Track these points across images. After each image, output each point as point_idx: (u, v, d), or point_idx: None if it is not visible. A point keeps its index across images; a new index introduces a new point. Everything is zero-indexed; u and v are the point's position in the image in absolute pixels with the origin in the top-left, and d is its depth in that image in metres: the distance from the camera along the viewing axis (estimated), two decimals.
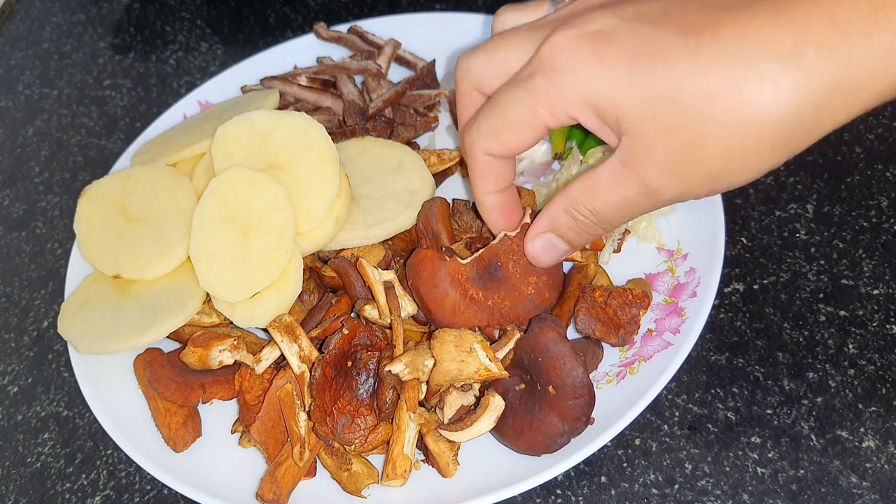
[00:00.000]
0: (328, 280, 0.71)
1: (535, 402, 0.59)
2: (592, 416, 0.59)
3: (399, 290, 0.65)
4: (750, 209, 0.77)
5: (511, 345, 0.62)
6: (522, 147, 0.55)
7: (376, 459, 0.64)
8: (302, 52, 0.94)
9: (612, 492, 0.62)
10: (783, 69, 0.42)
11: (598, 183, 0.52)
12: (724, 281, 0.72)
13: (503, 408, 0.60)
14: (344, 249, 0.72)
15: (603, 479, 0.63)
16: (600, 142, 0.78)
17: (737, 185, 0.48)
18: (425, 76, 0.87)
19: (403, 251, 0.73)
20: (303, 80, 0.89)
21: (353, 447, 0.62)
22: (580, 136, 0.79)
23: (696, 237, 0.71)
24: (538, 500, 0.62)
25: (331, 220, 0.69)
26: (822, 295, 0.71)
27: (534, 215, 0.62)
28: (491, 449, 0.62)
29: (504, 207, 0.62)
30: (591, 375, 0.62)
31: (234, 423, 0.67)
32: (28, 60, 1.09)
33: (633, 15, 0.47)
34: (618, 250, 0.73)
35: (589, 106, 0.49)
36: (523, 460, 0.60)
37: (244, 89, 0.90)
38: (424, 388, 0.62)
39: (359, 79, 0.90)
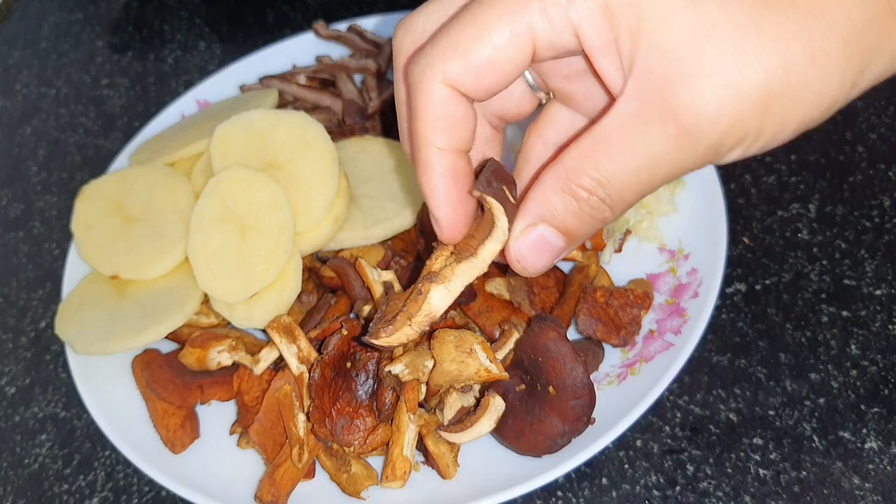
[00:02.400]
0: (327, 280, 0.70)
1: (535, 402, 0.59)
2: (593, 416, 0.59)
3: (398, 290, 0.65)
4: (752, 209, 0.77)
5: (511, 345, 0.62)
6: (499, 77, 0.39)
7: (376, 461, 0.64)
8: (301, 50, 0.93)
9: (614, 493, 0.62)
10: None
11: (604, 139, 0.37)
12: (726, 281, 0.71)
13: (503, 409, 0.60)
14: (343, 249, 0.72)
15: (604, 480, 0.62)
16: None
17: (758, 152, 0.38)
18: None
19: (403, 251, 0.72)
20: (302, 79, 0.88)
21: (352, 449, 0.62)
22: None
23: (697, 237, 0.71)
24: (539, 502, 0.62)
25: (330, 219, 0.69)
26: (824, 295, 0.70)
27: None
28: (491, 450, 0.62)
29: (458, 188, 0.42)
30: (591, 376, 0.61)
31: (233, 425, 0.66)
32: (26, 59, 1.08)
33: None
34: (619, 250, 0.72)
35: (599, 2, 0.36)
36: (524, 462, 0.60)
37: (243, 88, 0.90)
38: (424, 389, 0.62)
39: (358, 78, 0.89)
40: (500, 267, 0.47)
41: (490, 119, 0.47)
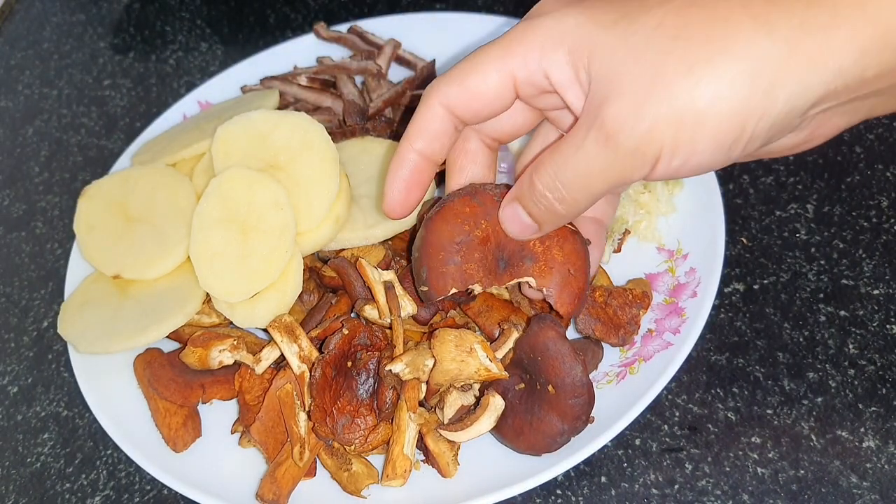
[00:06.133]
0: (328, 280, 0.70)
1: (534, 401, 0.59)
2: (592, 415, 0.59)
3: (399, 290, 0.65)
4: (750, 209, 0.77)
5: (510, 344, 0.62)
6: (485, 105, 0.50)
7: (376, 459, 0.64)
8: (302, 52, 0.94)
9: (613, 492, 0.62)
10: (739, 73, 0.41)
11: (563, 142, 0.47)
12: (725, 281, 0.72)
13: (503, 407, 0.60)
14: (344, 249, 0.72)
15: (603, 479, 0.63)
16: None
17: (689, 170, 0.44)
18: (425, 76, 0.87)
19: (403, 251, 0.72)
20: (303, 80, 0.89)
21: (352, 447, 0.62)
22: None
23: (696, 237, 0.71)
24: (538, 501, 0.62)
25: (331, 220, 0.69)
26: (822, 295, 0.70)
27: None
28: (491, 449, 0.62)
29: (414, 179, 0.54)
30: (591, 375, 0.62)
31: (234, 423, 0.67)
32: (28, 60, 1.09)
33: None
34: (618, 250, 0.73)
35: (564, 46, 0.46)
36: (523, 460, 0.60)
37: (244, 89, 0.90)
38: (424, 387, 0.62)
39: (359, 79, 0.90)
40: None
41: (485, 139, 0.57)
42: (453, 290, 0.58)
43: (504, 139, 0.57)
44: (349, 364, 0.64)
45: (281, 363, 0.65)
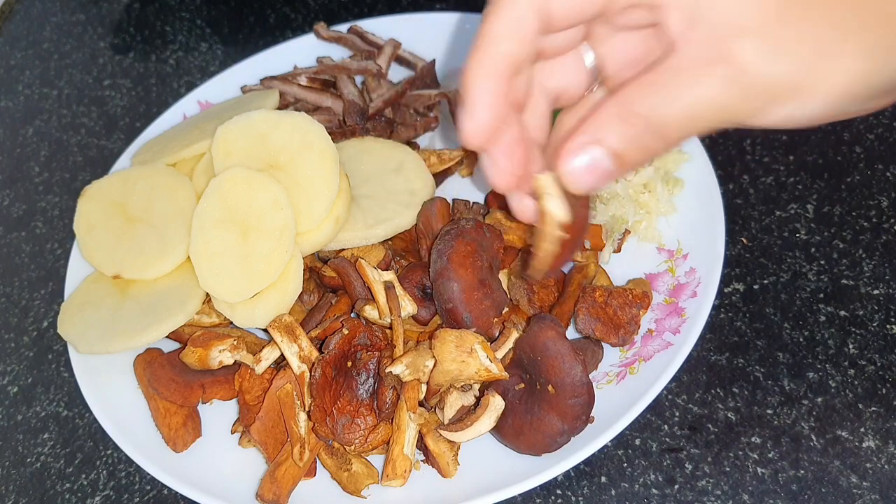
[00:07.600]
0: (328, 280, 0.71)
1: (534, 401, 0.59)
2: (592, 415, 0.59)
3: (399, 290, 0.65)
4: (750, 209, 0.77)
5: (510, 344, 0.62)
6: (576, 9, 0.43)
7: (376, 459, 0.64)
8: (302, 52, 0.94)
9: (613, 492, 0.62)
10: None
11: (667, 75, 0.41)
12: (725, 281, 0.72)
13: (503, 407, 0.60)
14: (344, 249, 0.72)
15: (603, 479, 0.63)
16: None
17: (816, 115, 0.41)
18: (425, 76, 0.87)
19: (403, 251, 0.73)
20: (303, 80, 0.89)
21: (352, 447, 0.62)
22: None
23: (696, 237, 0.71)
24: (538, 500, 0.62)
25: (331, 220, 0.69)
26: (822, 295, 0.71)
27: None
28: (491, 449, 0.62)
29: (502, 91, 0.44)
30: (591, 375, 0.62)
31: (234, 424, 0.67)
32: (28, 60, 1.09)
33: None
34: (618, 250, 0.73)
35: None
36: (523, 460, 0.60)
37: (244, 89, 0.90)
38: (424, 388, 0.62)
39: (359, 79, 0.90)
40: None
41: (544, 100, 0.50)
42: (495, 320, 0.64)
43: (564, 100, 0.51)
44: (349, 364, 0.64)
45: (281, 363, 0.65)
